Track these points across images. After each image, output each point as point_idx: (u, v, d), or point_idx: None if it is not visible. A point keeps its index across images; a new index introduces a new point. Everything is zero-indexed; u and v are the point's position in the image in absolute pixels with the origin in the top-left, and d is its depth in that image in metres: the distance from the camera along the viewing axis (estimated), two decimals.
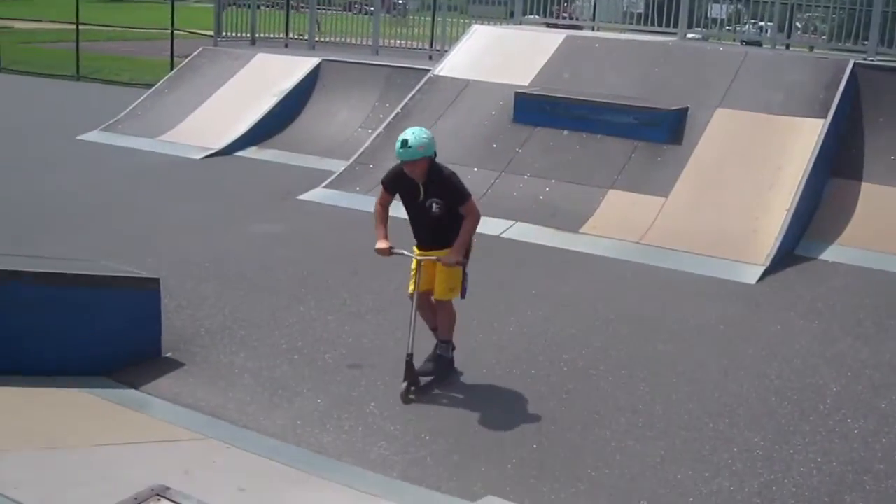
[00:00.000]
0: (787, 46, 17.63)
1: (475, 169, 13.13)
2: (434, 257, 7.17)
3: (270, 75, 18.19)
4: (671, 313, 9.30)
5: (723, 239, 11.23)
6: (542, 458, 6.48)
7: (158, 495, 3.88)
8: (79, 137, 17.17)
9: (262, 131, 16.87)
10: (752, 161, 12.32)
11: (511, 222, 11.99)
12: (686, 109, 13.20)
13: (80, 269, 8.06)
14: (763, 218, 11.45)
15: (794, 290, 10.17)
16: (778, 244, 10.97)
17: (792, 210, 11.38)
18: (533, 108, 13.70)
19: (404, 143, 6.85)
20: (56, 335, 7.19)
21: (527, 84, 14.47)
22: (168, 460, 5.96)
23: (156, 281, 7.97)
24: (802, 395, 7.57)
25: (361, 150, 14.33)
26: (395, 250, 7.27)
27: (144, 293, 7.82)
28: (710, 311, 9.41)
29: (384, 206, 7.34)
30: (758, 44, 18.03)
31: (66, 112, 20.89)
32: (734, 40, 18.29)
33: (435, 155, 7.05)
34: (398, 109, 14.91)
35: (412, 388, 7.21)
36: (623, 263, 10.85)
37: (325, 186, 13.49)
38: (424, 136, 6.94)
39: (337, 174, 13.79)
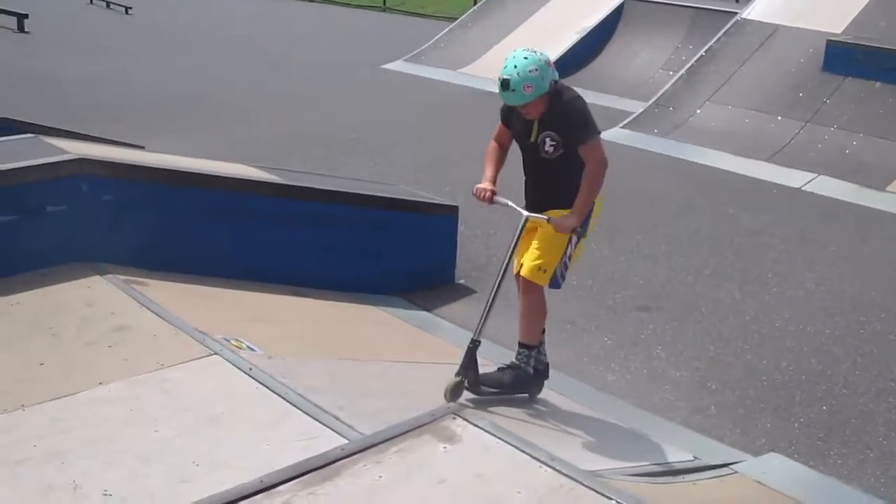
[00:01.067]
0: None
1: (779, 117, 12.74)
2: (545, 217, 5.34)
3: (574, 12, 18.14)
4: None
5: None
6: (831, 421, 6.28)
7: (454, 414, 4.01)
8: (383, 66, 17.72)
9: (563, 68, 16.58)
10: None
11: (813, 175, 11.56)
12: None
13: (383, 191, 8.38)
14: None
15: None
16: None
17: None
18: (845, 58, 13.10)
19: (504, 84, 5.13)
20: (358, 254, 7.52)
21: (839, 31, 13.83)
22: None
23: (454, 208, 8.18)
24: None
25: (661, 91, 14.14)
26: (499, 198, 5.53)
27: (442, 219, 8.06)
28: None
29: (499, 142, 5.74)
30: None
31: (372, 42, 21.58)
32: None
33: (554, 83, 5.25)
34: (702, 52, 14.59)
35: (464, 387, 5.30)
36: None
37: (623, 127, 13.40)
38: (532, 66, 5.10)
39: (635, 115, 13.68)
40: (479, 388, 5.39)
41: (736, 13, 15.43)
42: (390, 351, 6.65)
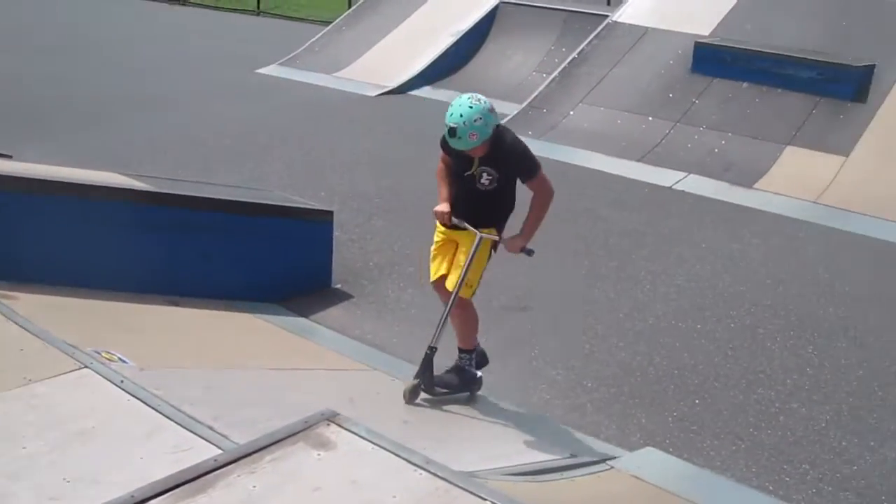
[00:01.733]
0: None
1: (650, 118, 12.96)
2: (496, 237, 5.99)
3: (447, 15, 18.18)
4: (846, 277, 9.02)
5: None
6: (704, 414, 6.43)
7: (328, 420, 3.98)
8: (258, 71, 17.55)
9: (437, 71, 16.92)
10: None
11: (684, 174, 11.79)
12: (873, 66, 12.69)
13: (257, 197, 8.30)
14: None
15: None
16: None
17: None
18: (713, 59, 13.38)
19: (451, 132, 5.59)
20: (232, 261, 7.44)
21: (707, 34, 14.12)
22: (334, 388, 6.13)
23: (329, 213, 8.16)
24: None
25: (535, 94, 14.25)
26: (455, 220, 5.98)
27: (318, 224, 8.02)
28: (888, 277, 9.10)
29: (446, 165, 6.10)
30: None
31: (246, 46, 21.34)
32: None
33: (497, 127, 5.72)
34: (574, 55, 14.76)
35: (420, 389, 5.99)
36: (797, 222, 10.55)
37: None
38: (477, 115, 5.54)
39: (510, 117, 13.74)
40: (433, 389, 6.02)
41: (607, 16, 15.65)
42: (267, 358, 6.60)
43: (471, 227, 5.91)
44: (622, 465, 5.55)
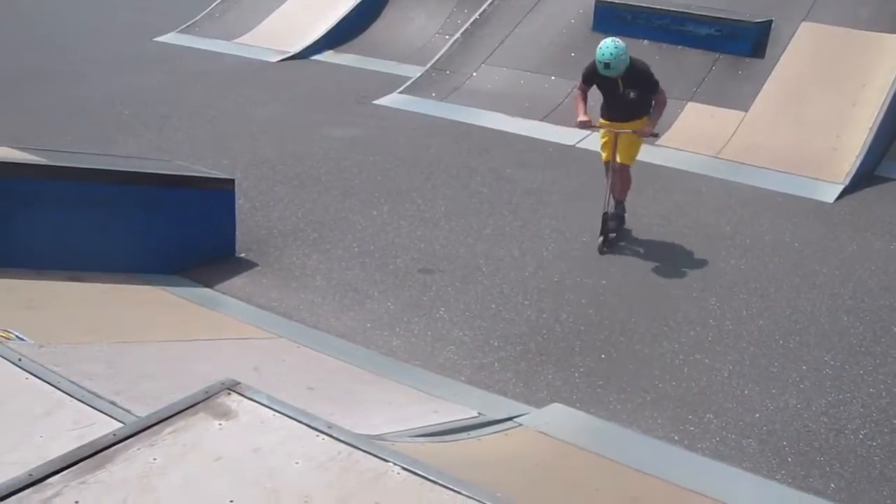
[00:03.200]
0: None
1: (552, 77, 13.00)
2: (630, 130, 8.39)
3: None
4: (746, 229, 9.19)
5: (802, 156, 11.02)
6: (610, 369, 6.50)
7: (229, 389, 3.93)
8: (156, 39, 17.23)
9: (339, 35, 16.77)
10: (836, 77, 12.02)
11: (587, 132, 11.86)
12: (770, 22, 12.88)
13: (157, 168, 8.17)
14: (844, 136, 11.20)
15: (873, 211, 9.98)
16: (858, 163, 10.74)
17: (874, 129, 11.10)
18: (613, 18, 13.44)
19: (606, 65, 8.02)
20: (133, 233, 7.31)
21: None
22: (239, 357, 6.07)
23: (231, 181, 8.06)
24: (875, 315, 7.47)
25: (438, 56, 14.20)
26: (594, 123, 8.53)
27: (219, 193, 7.91)
28: (786, 228, 9.28)
29: (583, 91, 8.54)
30: None
31: (144, 14, 20.93)
32: None
33: (631, 59, 8.18)
34: (476, 16, 14.73)
35: (607, 240, 8.53)
36: (699, 177, 10.70)
37: (401, 92, 13.43)
38: (621, 52, 8.01)
39: (413, 80, 13.72)
40: (609, 234, 8.59)
41: None
42: (170, 330, 6.51)
43: (604, 128, 8.57)
44: (529, 421, 5.59)
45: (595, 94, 8.53)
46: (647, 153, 11.12)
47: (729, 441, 5.77)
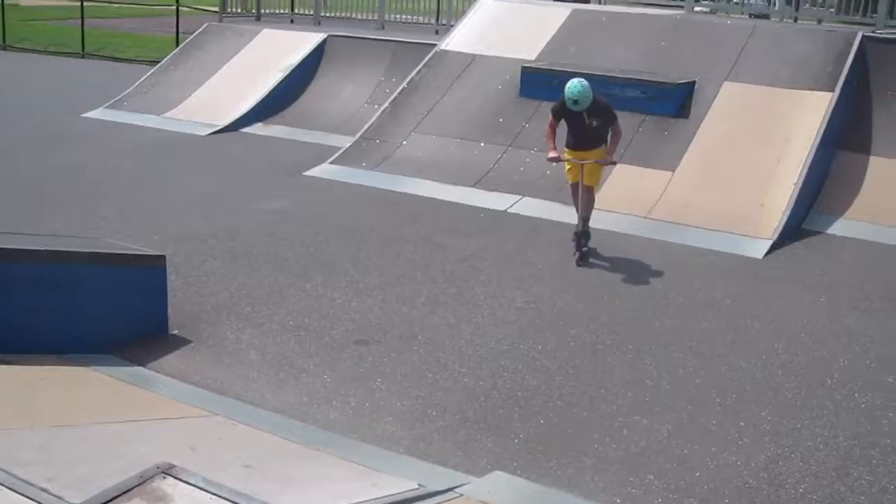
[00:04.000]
0: (796, 19, 17.55)
1: (482, 144, 13.13)
2: (594, 160, 9.82)
3: (276, 51, 18.12)
4: (678, 288, 9.28)
5: (730, 213, 11.19)
6: (549, 434, 6.48)
7: (164, 473, 3.87)
8: (84, 115, 17.15)
9: (268, 107, 16.82)
10: (760, 135, 12.27)
11: (518, 197, 11.97)
12: (693, 83, 13.14)
13: (85, 246, 8.05)
14: (771, 192, 11.41)
15: (802, 265, 10.15)
16: (785, 218, 10.94)
17: (799, 184, 11.34)
18: (539, 83, 13.61)
19: (575, 101, 9.50)
20: (62, 313, 7.18)
21: (533, 58, 14.40)
22: (174, 437, 5.96)
23: (162, 258, 7.97)
24: (809, 369, 7.56)
25: (367, 125, 14.27)
26: (563, 157, 9.96)
27: (151, 270, 7.81)
28: (718, 285, 9.39)
29: (552, 128, 9.90)
30: (766, 17, 17.94)
31: (72, 89, 20.86)
32: (742, 13, 18.18)
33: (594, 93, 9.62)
34: (404, 85, 14.86)
35: (585, 254, 9.95)
36: (630, 238, 10.83)
37: (332, 162, 13.45)
38: (587, 90, 9.48)
39: (343, 150, 13.75)
40: (582, 250, 10.01)
41: (435, 45, 15.80)
42: (103, 412, 6.38)
43: (573, 159, 9.97)
44: (470, 491, 5.52)
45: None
46: (574, 216, 11.26)
47: (671, 502, 5.75)
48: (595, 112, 9.66)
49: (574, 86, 9.49)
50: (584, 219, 10.01)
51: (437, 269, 9.53)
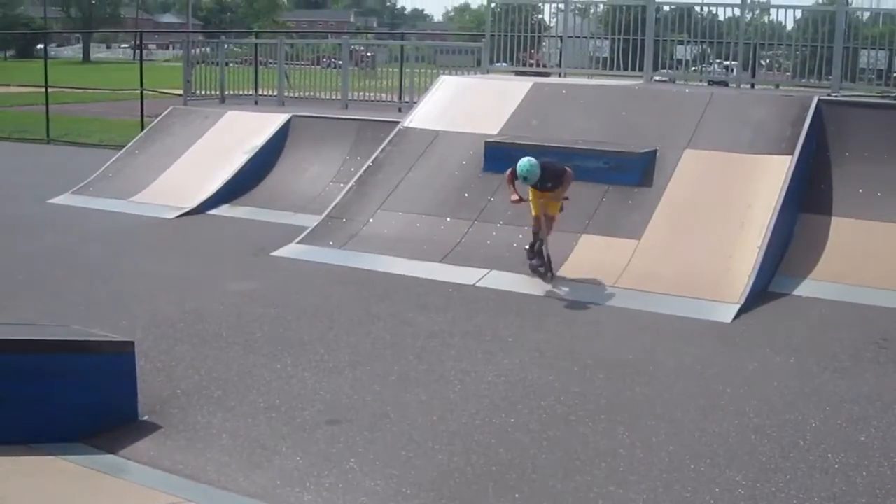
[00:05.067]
0: (753, 85, 17.84)
1: (448, 219, 13.20)
2: (550, 197, 11.35)
3: (241, 132, 18.25)
4: (648, 355, 9.32)
5: (697, 279, 11.29)
6: None
7: None
8: (50, 201, 17.15)
9: (235, 188, 16.88)
10: (722, 200, 12.43)
11: (486, 270, 12.02)
12: (655, 152, 13.31)
13: (52, 334, 8.03)
14: (735, 256, 11.53)
15: (770, 327, 10.22)
16: (751, 282, 11.04)
17: (763, 247, 11.47)
18: (503, 156, 13.69)
19: (524, 178, 10.97)
20: (29, 403, 7.10)
21: (496, 132, 14.57)
22: None
23: (130, 344, 7.93)
24: (782, 431, 7.58)
25: (333, 204, 14.33)
26: (524, 200, 11.38)
27: (119, 357, 7.76)
28: (687, 351, 9.44)
29: (512, 177, 11.20)
30: (724, 83, 18.19)
31: (37, 175, 20.87)
32: (700, 81, 18.45)
33: (543, 163, 11.09)
34: (369, 162, 14.96)
35: (549, 272, 11.54)
36: (598, 307, 10.88)
37: (299, 242, 13.48)
38: (535, 169, 10.89)
39: (310, 230, 13.79)
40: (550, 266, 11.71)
41: (398, 122, 15.94)
42: (74, 502, 6.32)
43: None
44: None
45: None
46: (545, 288, 11.40)
47: None
48: (546, 178, 11.04)
49: (522, 165, 10.86)
50: (544, 240, 11.54)
51: (407, 345, 9.52)
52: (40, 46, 54.17)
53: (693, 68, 19.37)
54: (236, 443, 7.36)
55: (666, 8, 19.91)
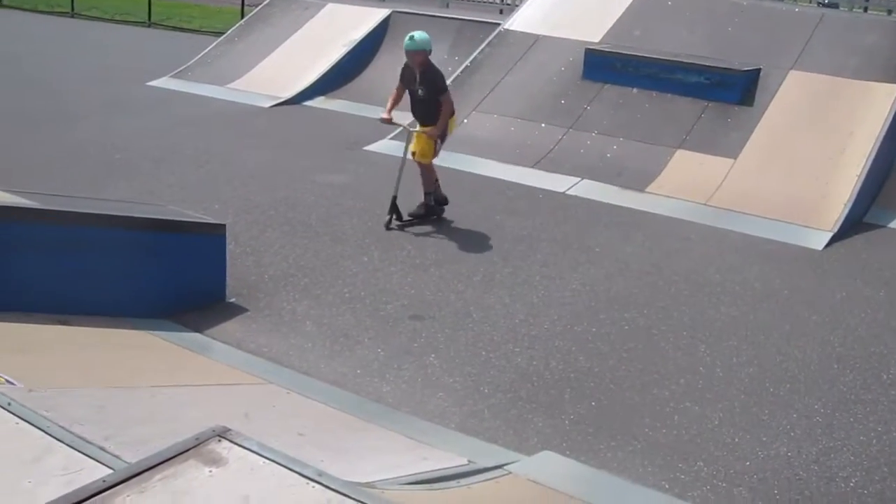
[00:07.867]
0: (866, 9, 17.31)
1: (542, 125, 13.09)
2: (418, 129, 9.87)
3: (341, 25, 18.18)
4: (735, 276, 9.23)
5: (791, 203, 11.09)
6: (600, 416, 6.48)
7: (219, 436, 3.91)
8: (149, 83, 17.33)
9: (331, 81, 16.90)
10: (824, 125, 12.14)
11: (577, 179, 11.94)
12: (758, 70, 13.02)
13: (148, 212, 8.16)
14: (832, 183, 11.29)
15: (861, 258, 10.04)
16: (847, 211, 10.82)
17: (862, 177, 11.21)
18: (603, 66, 13.58)
19: (411, 37, 9.66)
20: (123, 277, 7.28)
21: (597, 41, 14.34)
22: (229, 403, 6.04)
23: (222, 226, 8.05)
24: (865, 363, 7.49)
25: None
26: (394, 121, 10.14)
27: (211, 238, 7.90)
28: (775, 275, 9.32)
29: (398, 90, 10.06)
30: (835, 6, 17.70)
31: (137, 58, 21.07)
32: (810, 1, 17.95)
33: (430, 52, 9.77)
34: (467, 63, 14.86)
35: (393, 220, 9.92)
36: (688, 224, 10.77)
37: (392, 138, 13.48)
38: (426, 36, 9.72)
39: (402, 127, 13.75)
40: (402, 218, 9.98)
41: (499, 24, 15.78)
42: (159, 375, 6.47)
43: (401, 124, 10.51)
44: (519, 469, 5.56)
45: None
46: (636, 200, 11.27)
47: (720, 490, 5.75)
48: (424, 78, 9.76)
49: (419, 32, 9.86)
50: (425, 192, 10.25)
51: (494, 247, 9.54)
52: None
53: None
54: (320, 330, 7.48)
55: None
